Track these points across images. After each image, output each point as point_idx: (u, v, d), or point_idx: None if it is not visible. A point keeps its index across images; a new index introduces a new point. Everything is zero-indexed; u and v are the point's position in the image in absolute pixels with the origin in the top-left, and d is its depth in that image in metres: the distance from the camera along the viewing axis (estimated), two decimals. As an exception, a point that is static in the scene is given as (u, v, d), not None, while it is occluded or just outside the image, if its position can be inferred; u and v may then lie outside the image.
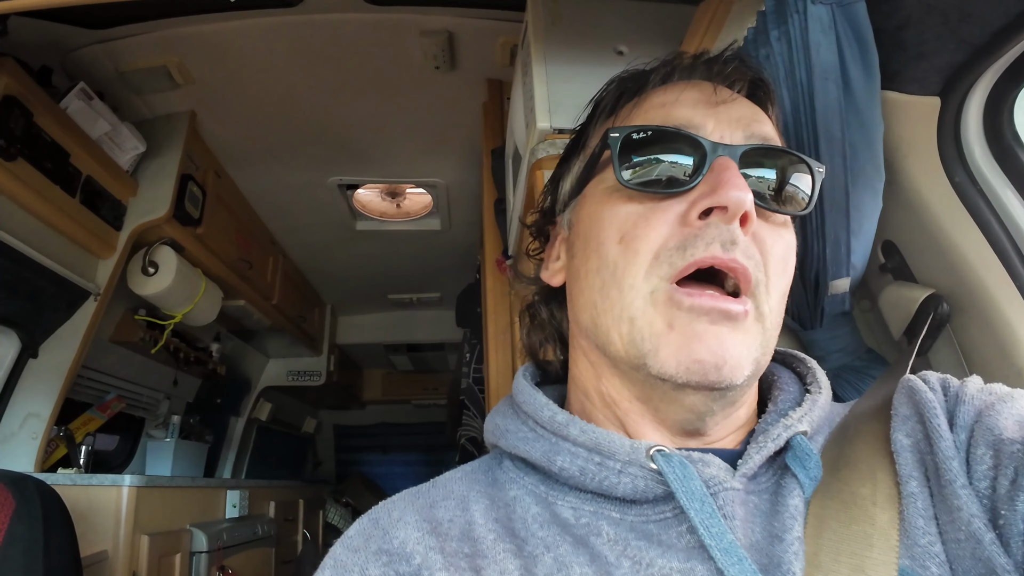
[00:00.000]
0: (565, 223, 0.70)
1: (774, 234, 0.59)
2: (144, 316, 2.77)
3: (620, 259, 0.58)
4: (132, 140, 2.28)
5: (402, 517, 0.58)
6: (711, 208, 0.55)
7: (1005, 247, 0.85)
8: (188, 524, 2.61)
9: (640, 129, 0.60)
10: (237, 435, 4.23)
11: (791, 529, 0.50)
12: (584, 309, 0.62)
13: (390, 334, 5.00)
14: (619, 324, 0.57)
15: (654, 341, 0.54)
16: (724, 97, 0.62)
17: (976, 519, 0.46)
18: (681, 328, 0.53)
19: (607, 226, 0.60)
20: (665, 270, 0.55)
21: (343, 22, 2.05)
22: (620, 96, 0.69)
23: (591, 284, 0.61)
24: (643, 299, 0.55)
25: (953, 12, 0.80)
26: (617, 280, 0.57)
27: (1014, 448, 0.48)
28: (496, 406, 0.71)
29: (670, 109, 0.62)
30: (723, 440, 0.60)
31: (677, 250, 0.55)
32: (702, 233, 0.54)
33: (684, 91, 0.63)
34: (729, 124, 0.61)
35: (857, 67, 0.87)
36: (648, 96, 0.66)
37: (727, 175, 0.54)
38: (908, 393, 0.57)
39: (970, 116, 0.88)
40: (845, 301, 1.00)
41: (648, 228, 0.57)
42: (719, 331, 0.53)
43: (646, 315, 0.55)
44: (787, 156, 0.61)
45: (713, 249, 0.54)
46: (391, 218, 3.42)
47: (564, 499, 0.57)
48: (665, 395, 0.56)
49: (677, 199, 0.57)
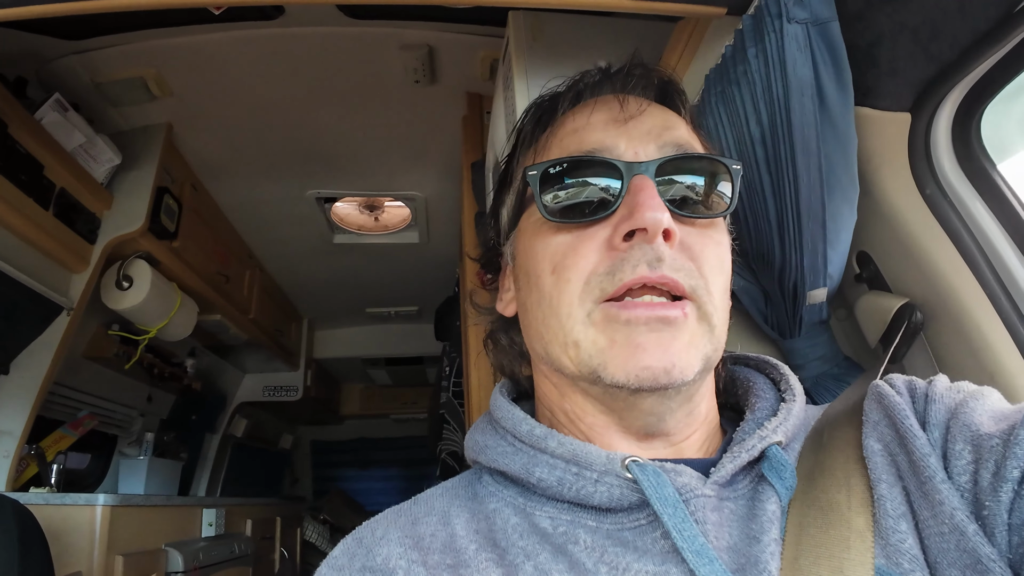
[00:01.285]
0: (509, 255, 0.72)
1: (703, 238, 0.61)
2: (118, 331, 2.72)
3: (554, 290, 0.60)
4: (107, 152, 2.25)
5: (385, 535, 0.59)
6: (633, 231, 0.57)
7: (975, 257, 0.88)
8: (163, 544, 2.56)
9: (555, 163, 0.62)
10: (212, 452, 4.17)
11: (768, 531, 0.52)
12: (535, 339, 0.65)
13: (368, 348, 4.97)
14: (566, 349, 0.59)
15: (600, 357, 0.56)
16: (632, 112, 0.65)
17: (959, 511, 0.48)
18: (623, 341, 0.55)
19: (540, 258, 0.63)
20: (596, 295, 0.58)
21: (324, 35, 2.05)
22: (536, 125, 0.72)
23: (535, 316, 0.64)
24: (581, 323, 0.58)
25: (923, 30, 0.83)
26: (555, 309, 0.60)
27: (993, 442, 0.50)
28: (475, 423, 0.72)
29: (582, 134, 0.65)
30: (689, 439, 0.62)
31: (607, 275, 0.57)
32: (628, 256, 0.57)
33: (593, 112, 0.66)
34: (641, 139, 0.63)
35: (832, 83, 0.89)
36: (561, 122, 0.68)
37: (642, 196, 0.57)
38: (877, 398, 0.59)
39: (939, 131, 0.90)
40: (823, 310, 1.02)
41: (577, 257, 0.59)
42: (660, 337, 0.55)
43: (588, 335, 0.58)
44: (703, 160, 0.63)
45: (640, 270, 0.56)
46: (369, 231, 3.41)
47: (542, 509, 0.59)
48: (624, 401, 0.58)
49: (602, 224, 0.60)
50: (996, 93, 0.85)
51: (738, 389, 0.71)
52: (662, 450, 0.61)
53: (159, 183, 2.41)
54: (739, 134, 0.97)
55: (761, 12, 0.89)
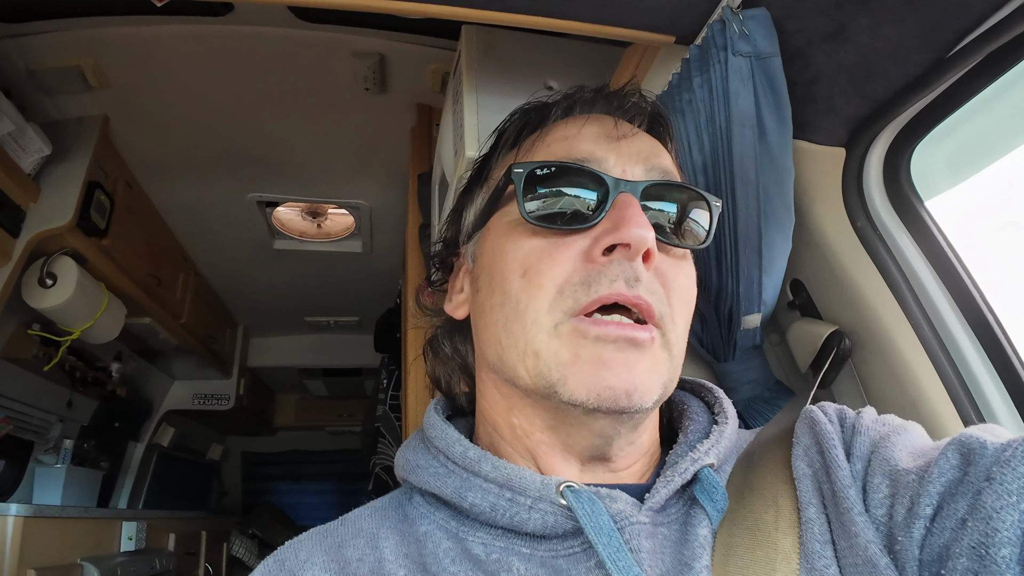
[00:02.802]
0: (469, 255, 0.70)
1: (675, 268, 0.61)
2: (38, 331, 2.57)
3: (523, 293, 0.58)
4: (37, 142, 2.14)
5: (309, 558, 0.57)
6: (614, 245, 0.56)
7: (901, 288, 0.91)
8: (79, 558, 2.44)
9: (544, 165, 0.60)
10: (136, 462, 3.97)
11: (700, 558, 0.51)
12: (489, 344, 0.62)
13: (305, 358, 4.85)
14: (524, 359, 0.57)
15: (561, 371, 0.54)
16: (624, 132, 0.64)
17: (872, 544, 0.48)
18: (588, 357, 0.54)
19: (510, 260, 0.60)
20: (569, 304, 0.56)
21: (272, 36, 2.01)
22: (523, 128, 0.70)
23: (495, 319, 0.61)
24: (547, 333, 0.56)
25: (859, 71, 0.86)
26: (520, 315, 0.58)
27: (909, 478, 0.50)
28: (407, 440, 0.70)
29: (572, 143, 0.63)
30: (630, 469, 0.62)
31: (581, 286, 0.56)
32: (606, 270, 0.56)
33: (586, 125, 0.65)
34: (630, 158, 0.62)
35: (772, 116, 0.92)
36: (551, 129, 0.67)
37: (629, 212, 0.56)
38: (809, 424, 0.60)
39: (872, 166, 0.94)
40: (756, 335, 1.05)
41: (552, 263, 0.58)
42: (627, 357, 0.54)
43: (550, 347, 0.56)
44: (687, 191, 0.63)
45: (617, 286, 0.55)
46: (311, 238, 3.34)
47: (475, 535, 0.57)
48: (576, 420, 0.57)
49: (580, 235, 0.59)
50: (926, 133, 0.89)
51: (672, 412, 0.71)
52: (601, 475, 0.60)
53: (91, 177, 2.30)
54: (682, 161, 0.99)
55: (708, 43, 0.92)
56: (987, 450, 0.48)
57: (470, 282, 0.69)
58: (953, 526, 0.46)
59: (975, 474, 0.47)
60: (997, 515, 0.43)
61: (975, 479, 0.46)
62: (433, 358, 0.76)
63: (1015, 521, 0.42)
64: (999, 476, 0.44)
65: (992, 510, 0.43)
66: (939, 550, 0.46)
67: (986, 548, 0.43)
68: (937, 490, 0.48)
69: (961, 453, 0.49)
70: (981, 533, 0.43)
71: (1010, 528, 0.42)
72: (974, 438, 0.49)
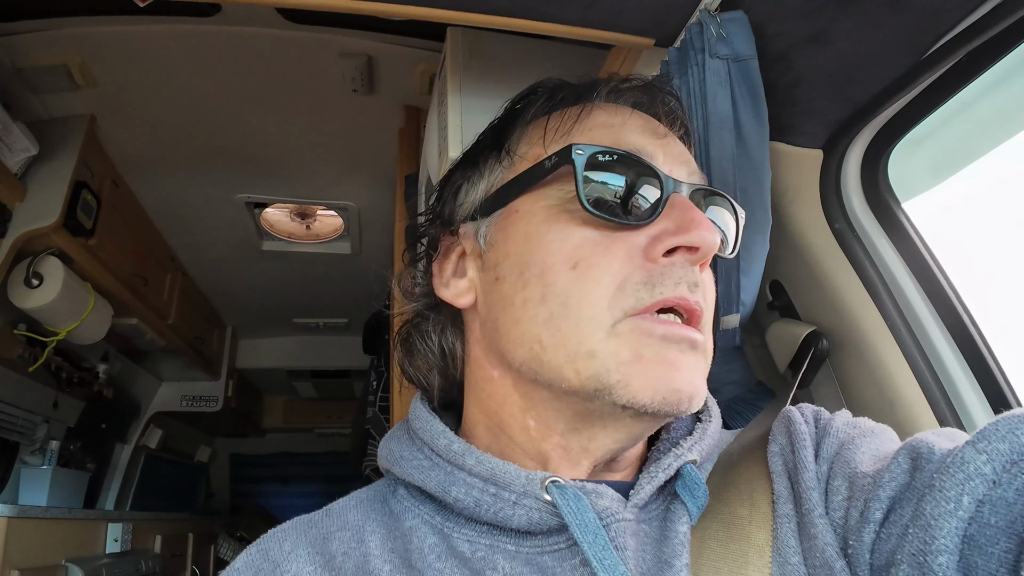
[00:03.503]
0: (480, 237, 0.63)
1: (708, 275, 0.59)
2: (24, 331, 2.55)
3: (574, 288, 0.54)
4: (23, 141, 2.13)
5: (294, 549, 0.57)
6: (677, 246, 0.54)
7: (878, 290, 0.92)
8: (64, 559, 2.42)
9: (608, 151, 0.56)
10: (123, 463, 3.93)
11: (680, 556, 0.51)
12: (519, 343, 0.57)
13: (294, 359, 4.82)
14: (575, 360, 0.53)
15: (622, 371, 0.51)
16: (664, 131, 0.62)
17: (829, 547, 0.49)
18: (652, 357, 0.51)
19: (556, 250, 0.56)
20: (631, 303, 0.52)
21: (260, 37, 2.00)
22: (552, 106, 0.65)
23: (531, 315, 0.56)
24: (604, 331, 0.52)
25: (840, 75, 0.87)
26: (571, 311, 0.53)
27: (865, 481, 0.50)
28: (391, 430, 0.69)
29: (619, 132, 0.60)
30: (626, 470, 0.62)
31: (644, 286, 0.53)
32: (669, 272, 0.53)
33: (630, 117, 0.62)
34: (675, 159, 0.60)
35: (750, 119, 0.92)
36: (589, 111, 0.62)
37: (696, 215, 0.54)
38: (785, 423, 0.60)
39: (850, 168, 0.95)
40: (736, 336, 1.05)
41: (610, 257, 0.54)
42: (687, 360, 0.53)
43: (609, 347, 0.52)
44: (723, 199, 0.61)
45: (681, 290, 0.53)
46: (300, 239, 3.33)
47: (460, 531, 0.56)
48: (614, 421, 0.55)
49: (634, 231, 0.55)
50: (903, 135, 0.90)
51: None
52: (596, 474, 0.60)
53: (77, 177, 2.28)
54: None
55: (686, 46, 0.92)
56: (934, 455, 0.48)
57: (480, 268, 0.63)
58: (898, 532, 0.46)
59: (920, 480, 0.47)
60: (935, 523, 0.43)
61: (920, 485, 0.47)
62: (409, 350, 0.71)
63: (952, 529, 0.42)
64: (939, 483, 0.44)
65: (931, 517, 0.43)
66: (887, 556, 0.46)
67: (924, 556, 0.43)
68: (888, 495, 0.48)
69: (912, 458, 0.50)
70: (920, 541, 0.43)
71: (947, 536, 0.42)
72: (924, 443, 0.50)
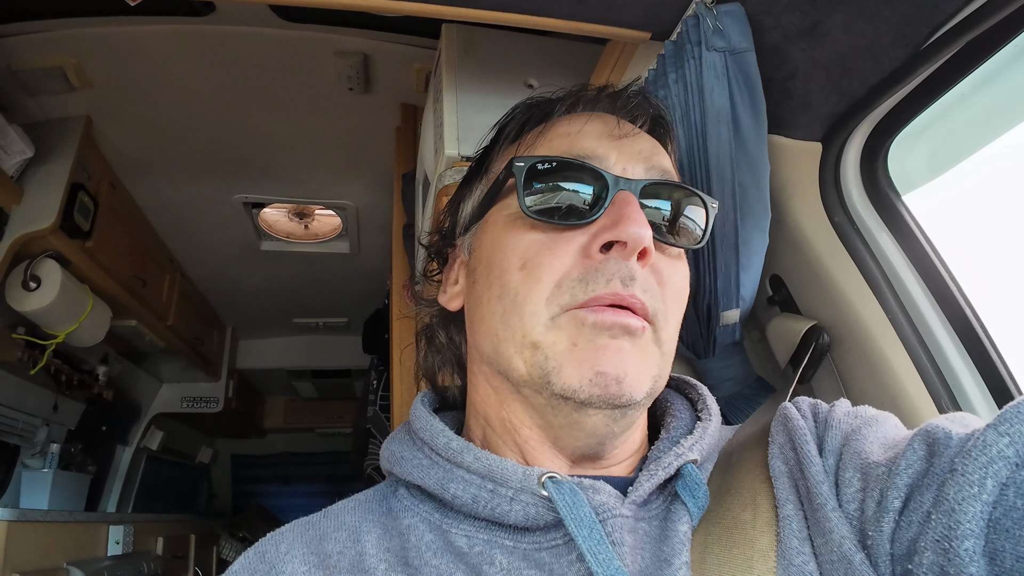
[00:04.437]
0: (465, 247, 0.70)
1: (671, 266, 0.61)
2: (23, 335, 2.55)
3: (522, 286, 0.58)
4: (19, 143, 2.13)
5: (290, 551, 0.57)
6: (612, 242, 0.56)
7: (879, 283, 0.92)
8: (65, 562, 2.42)
9: (545, 160, 0.60)
10: (124, 465, 3.94)
11: (679, 554, 0.51)
12: (485, 336, 0.62)
13: (294, 359, 4.82)
14: (521, 350, 0.57)
15: (558, 360, 0.55)
16: (627, 131, 0.64)
17: (846, 540, 0.48)
18: (584, 344, 0.54)
19: (509, 253, 0.60)
20: (567, 299, 0.56)
21: (256, 36, 2.00)
22: (525, 123, 0.70)
23: (492, 311, 0.61)
24: (544, 325, 0.56)
25: (836, 67, 0.87)
26: (518, 307, 0.58)
27: (879, 471, 0.50)
28: (393, 432, 0.70)
29: (575, 139, 0.63)
30: (620, 464, 0.62)
31: (579, 282, 0.56)
32: (603, 267, 0.56)
33: (588, 122, 0.65)
34: (631, 157, 0.62)
35: (747, 112, 0.92)
36: (553, 124, 0.67)
37: (628, 210, 0.56)
38: (783, 421, 0.60)
39: (848, 162, 0.94)
40: (736, 331, 1.04)
41: (552, 257, 0.58)
42: (620, 344, 0.54)
43: (548, 337, 0.56)
44: (684, 191, 0.63)
45: (613, 285, 0.55)
46: (298, 239, 3.33)
47: (458, 527, 0.57)
48: (567, 419, 0.56)
49: (579, 230, 0.59)
50: (902, 127, 0.89)
51: (656, 409, 0.70)
52: (589, 470, 0.60)
53: (74, 179, 2.29)
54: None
55: (682, 39, 0.92)
56: (952, 440, 0.47)
57: (466, 274, 0.69)
58: (919, 519, 0.45)
59: (939, 465, 0.47)
60: (959, 507, 0.43)
61: (939, 471, 0.46)
62: (426, 347, 0.76)
63: (977, 513, 0.42)
64: (961, 468, 0.44)
65: (955, 502, 0.43)
66: (908, 544, 0.46)
67: (949, 541, 0.42)
68: (905, 483, 0.48)
69: (927, 444, 0.49)
70: (945, 526, 0.43)
71: (972, 520, 0.42)
72: (940, 428, 0.49)
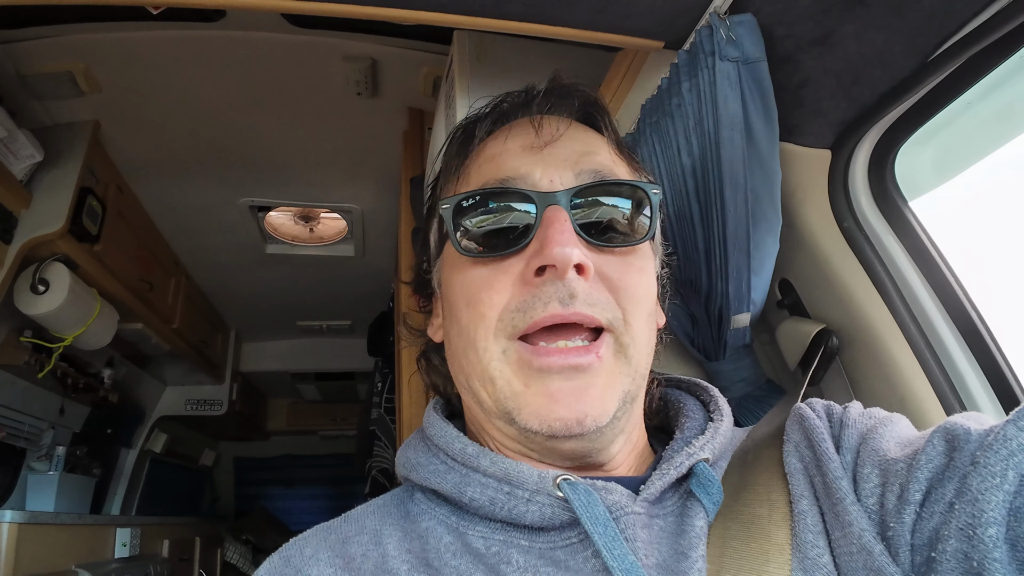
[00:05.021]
0: (436, 283, 0.72)
1: (623, 266, 0.61)
2: (31, 338, 2.56)
3: (470, 324, 0.60)
4: (29, 148, 2.13)
5: (315, 554, 0.59)
6: (544, 266, 0.57)
7: (887, 287, 0.93)
8: (73, 565, 2.43)
9: (467, 196, 0.61)
10: (128, 468, 3.94)
11: (696, 547, 0.53)
12: (458, 370, 0.65)
13: (298, 362, 4.82)
14: (484, 384, 0.60)
15: (516, 401, 0.57)
16: (549, 137, 0.64)
17: (866, 533, 0.50)
18: (536, 388, 0.56)
19: (458, 291, 0.63)
20: (509, 331, 0.58)
21: (264, 41, 2.01)
22: (458, 151, 0.71)
23: (455, 347, 0.64)
24: (497, 359, 0.59)
25: (847, 76, 0.88)
26: (472, 343, 0.60)
27: (898, 467, 0.52)
28: (407, 439, 0.71)
29: (498, 162, 0.64)
30: (623, 466, 0.64)
31: (518, 311, 0.57)
32: (539, 292, 0.57)
33: (509, 138, 0.65)
34: (557, 166, 0.62)
35: (759, 120, 0.93)
36: (480, 148, 0.68)
37: (551, 232, 0.57)
38: (798, 420, 0.62)
39: (857, 168, 0.96)
40: (746, 335, 1.06)
41: (491, 292, 0.59)
42: (574, 386, 0.56)
43: (503, 375, 0.58)
44: (621, 185, 0.62)
45: (552, 308, 0.56)
46: (303, 242, 3.33)
47: (475, 529, 0.59)
48: (542, 446, 0.59)
49: (516, 257, 0.60)
50: (910, 135, 0.91)
51: (669, 411, 0.72)
52: (593, 472, 0.62)
53: (82, 183, 2.29)
54: (671, 164, 1.00)
55: (696, 48, 0.93)
56: (971, 436, 0.50)
57: (441, 308, 0.71)
58: (942, 510, 0.48)
59: (960, 459, 0.49)
60: (983, 497, 0.45)
61: (961, 464, 0.48)
62: (427, 368, 0.79)
63: (1000, 501, 0.44)
64: (983, 460, 0.46)
65: (978, 492, 0.45)
66: (929, 534, 0.48)
67: (974, 529, 0.45)
68: (925, 476, 0.50)
69: (947, 440, 0.51)
70: (968, 515, 0.45)
71: (995, 508, 0.44)
72: (959, 425, 0.51)
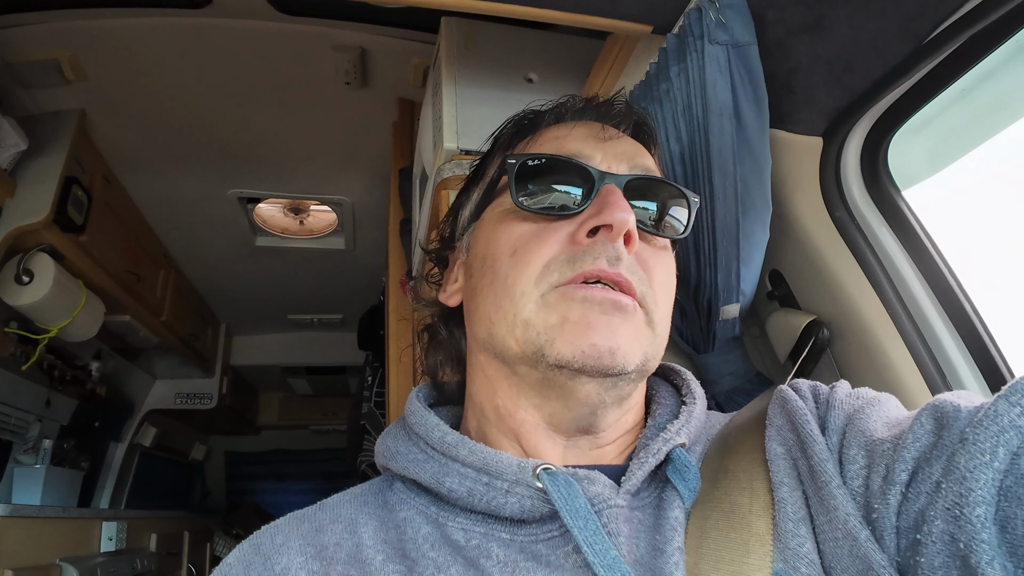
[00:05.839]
0: (464, 247, 0.73)
1: (656, 256, 0.64)
2: (16, 329, 2.52)
3: (511, 271, 0.61)
4: (13, 136, 2.10)
5: (286, 542, 0.58)
6: (598, 227, 0.59)
7: (879, 278, 0.92)
8: (58, 558, 2.41)
9: (535, 157, 0.65)
10: (117, 462, 3.90)
11: (672, 540, 0.52)
12: (480, 323, 0.64)
13: (289, 356, 4.81)
14: (513, 329, 0.59)
15: (549, 334, 0.57)
16: (611, 134, 0.68)
17: (851, 517, 0.49)
18: (575, 318, 0.56)
19: (502, 243, 0.64)
20: (555, 278, 0.59)
21: (253, 29, 1.99)
22: (516, 133, 0.75)
23: (485, 298, 0.64)
24: (534, 303, 0.59)
25: (838, 62, 0.87)
26: (508, 289, 0.60)
27: (884, 447, 0.51)
28: (388, 427, 0.71)
29: (563, 142, 0.68)
30: (614, 443, 0.63)
31: (566, 262, 0.59)
32: (589, 249, 0.59)
33: (575, 127, 0.70)
34: (615, 157, 0.66)
35: (749, 106, 0.92)
36: (543, 132, 0.71)
37: (612, 198, 0.59)
38: (781, 403, 0.61)
39: (849, 156, 0.94)
40: (735, 326, 1.05)
41: (540, 243, 0.61)
42: (611, 320, 0.56)
43: (539, 315, 0.58)
44: (667, 187, 0.66)
45: (600, 263, 0.58)
46: (293, 235, 3.31)
47: (455, 520, 0.58)
48: (562, 387, 0.58)
49: (567, 221, 0.62)
50: (903, 122, 0.89)
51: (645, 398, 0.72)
52: (586, 450, 0.61)
53: (68, 172, 2.26)
54: (659, 151, 0.98)
55: (685, 32, 0.92)
56: (961, 413, 0.48)
57: (464, 271, 0.72)
58: (928, 490, 0.46)
59: (949, 437, 0.47)
60: (971, 475, 0.44)
61: (949, 442, 0.47)
62: (428, 343, 0.78)
63: (988, 480, 0.43)
64: (972, 437, 0.45)
65: (966, 470, 0.44)
66: (915, 515, 0.47)
67: (960, 508, 0.43)
68: (912, 456, 0.49)
69: (935, 418, 0.50)
70: (955, 494, 0.44)
71: (984, 487, 0.43)
72: (948, 403, 0.50)
